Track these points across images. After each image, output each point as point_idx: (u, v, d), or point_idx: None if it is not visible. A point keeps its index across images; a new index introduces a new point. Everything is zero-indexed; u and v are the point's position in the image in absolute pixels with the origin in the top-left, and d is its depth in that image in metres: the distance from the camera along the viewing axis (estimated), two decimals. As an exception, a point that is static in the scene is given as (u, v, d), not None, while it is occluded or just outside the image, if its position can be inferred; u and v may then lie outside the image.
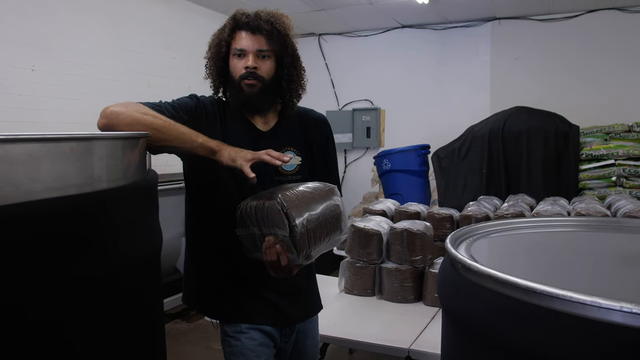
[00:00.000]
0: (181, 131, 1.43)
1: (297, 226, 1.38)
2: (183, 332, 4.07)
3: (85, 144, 1.00)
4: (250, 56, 1.60)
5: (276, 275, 1.49)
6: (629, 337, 0.73)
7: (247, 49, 1.60)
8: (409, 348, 2.08)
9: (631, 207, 2.99)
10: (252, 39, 1.60)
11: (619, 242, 1.31)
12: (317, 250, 1.49)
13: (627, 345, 0.73)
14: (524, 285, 0.83)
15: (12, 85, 3.77)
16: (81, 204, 0.95)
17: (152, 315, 1.22)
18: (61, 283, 0.91)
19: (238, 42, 1.61)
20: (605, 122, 4.67)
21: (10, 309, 0.84)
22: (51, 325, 0.90)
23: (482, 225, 1.32)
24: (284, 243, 1.41)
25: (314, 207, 1.46)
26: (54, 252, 0.89)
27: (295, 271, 1.50)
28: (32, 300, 0.87)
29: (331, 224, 1.51)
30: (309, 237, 1.42)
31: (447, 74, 6.23)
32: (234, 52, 1.61)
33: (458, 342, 1.05)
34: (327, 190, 1.55)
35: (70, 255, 0.92)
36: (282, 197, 1.39)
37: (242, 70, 1.60)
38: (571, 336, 0.77)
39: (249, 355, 1.64)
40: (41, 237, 0.87)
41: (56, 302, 0.90)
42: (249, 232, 1.48)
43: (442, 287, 1.10)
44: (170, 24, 5.16)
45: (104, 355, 1.02)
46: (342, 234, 1.59)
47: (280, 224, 1.39)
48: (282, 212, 1.38)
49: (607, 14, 5.50)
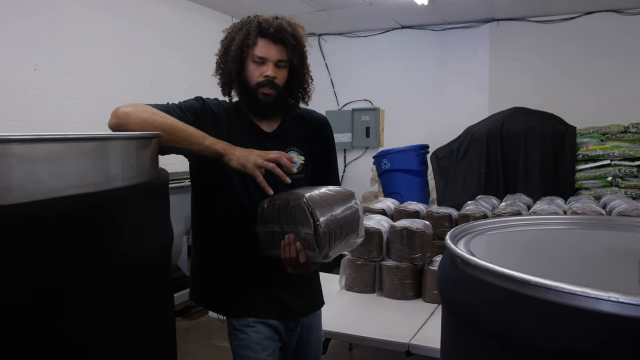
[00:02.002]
0: (189, 133, 1.48)
1: (321, 225, 1.47)
2: (185, 329, 4.11)
3: (102, 144, 1.05)
4: (270, 65, 1.64)
5: (293, 272, 1.58)
6: (618, 325, 0.79)
7: (269, 57, 1.64)
8: (409, 343, 2.13)
9: (625, 207, 3.04)
10: (274, 49, 1.64)
11: (610, 239, 1.37)
12: (335, 250, 1.57)
13: (616, 332, 0.79)
14: (518, 277, 0.89)
15: (14, 84, 3.81)
16: (99, 202, 0.99)
17: (163, 312, 1.27)
18: (78, 279, 0.95)
19: (260, 50, 1.64)
20: (602, 123, 4.74)
21: (34, 300, 0.88)
22: (69, 320, 0.94)
23: (481, 223, 1.38)
24: (306, 241, 1.49)
25: (335, 208, 1.55)
26: (74, 248, 0.93)
27: (312, 269, 1.59)
28: (52, 294, 0.91)
29: (350, 226, 1.61)
30: (330, 236, 1.51)
31: (446, 74, 6.29)
32: (254, 58, 1.65)
33: (457, 332, 1.11)
34: (348, 195, 1.66)
35: (87, 251, 0.96)
36: (308, 197, 1.48)
37: (260, 78, 1.64)
38: (562, 325, 0.82)
39: (256, 349, 1.69)
40: (63, 234, 0.92)
41: (74, 297, 0.95)
42: (269, 230, 1.57)
43: (442, 281, 1.15)
44: (172, 23, 5.20)
45: (115, 353, 1.06)
46: (358, 237, 1.69)
47: (305, 222, 1.48)
48: (308, 211, 1.47)
49: (604, 16, 5.57)
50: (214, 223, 1.75)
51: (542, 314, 0.85)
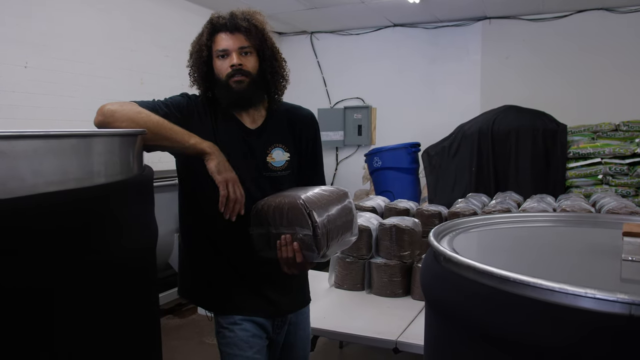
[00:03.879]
0: (174, 131, 1.49)
1: (319, 226, 1.49)
2: (175, 327, 4.10)
3: (84, 141, 1.04)
4: (233, 55, 1.64)
5: (289, 272, 1.59)
6: (596, 321, 0.79)
7: (229, 48, 1.64)
8: (397, 340, 2.14)
9: (615, 205, 3.06)
10: (232, 38, 1.65)
11: (594, 236, 1.38)
12: (332, 249, 1.59)
13: (594, 329, 0.79)
14: (498, 274, 0.89)
15: (4, 82, 3.79)
16: (81, 197, 0.99)
17: (147, 309, 1.27)
18: (60, 275, 0.95)
19: (219, 44, 1.65)
20: (593, 121, 4.75)
21: (12, 297, 0.88)
22: (49, 316, 0.94)
23: (465, 220, 1.39)
24: (303, 242, 1.51)
25: (331, 208, 1.58)
26: (57, 245, 0.93)
27: (309, 268, 1.62)
28: (32, 291, 0.91)
29: (345, 226, 1.63)
30: (328, 236, 1.53)
31: (438, 72, 6.31)
32: (217, 54, 1.66)
33: (439, 329, 1.11)
34: (342, 194, 1.68)
35: (69, 248, 0.96)
36: (304, 199, 1.50)
37: (228, 69, 1.65)
38: (540, 321, 0.83)
39: (242, 347, 1.69)
40: (45, 230, 0.92)
41: (54, 292, 0.95)
42: (263, 231, 1.58)
43: (425, 278, 1.16)
44: (164, 22, 5.18)
45: (97, 349, 1.06)
46: (353, 236, 1.71)
47: (302, 223, 1.49)
48: (306, 212, 1.48)
49: (596, 14, 5.59)
50: (200, 219, 1.74)
51: (520, 310, 0.85)
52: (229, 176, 1.53)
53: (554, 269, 1.13)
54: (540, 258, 1.21)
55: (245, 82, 1.66)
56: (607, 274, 1.07)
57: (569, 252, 1.25)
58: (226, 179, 1.53)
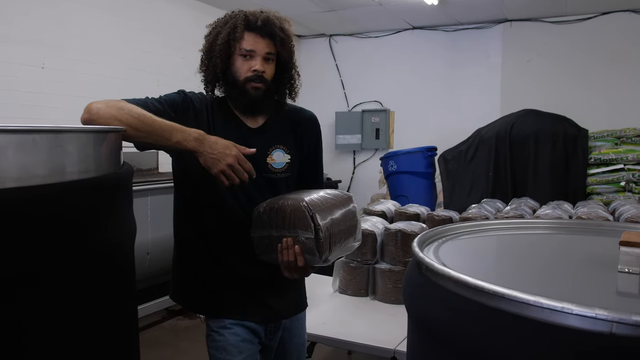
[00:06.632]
0: (155, 127, 1.42)
1: (322, 229, 1.45)
2: (184, 328, 4.10)
3: (54, 136, 1.02)
4: (259, 59, 1.61)
5: (290, 276, 1.55)
6: (572, 339, 0.73)
7: (258, 51, 1.61)
8: (395, 349, 2.06)
9: (634, 212, 2.93)
10: (262, 42, 1.61)
11: (594, 245, 1.29)
12: (334, 254, 1.55)
13: (570, 346, 0.73)
14: (472, 284, 0.83)
15: (22, 82, 3.84)
16: (47, 193, 0.96)
17: (124, 309, 1.24)
18: (31, 274, 0.92)
19: (247, 43, 1.60)
20: (617, 126, 4.60)
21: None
22: (23, 313, 0.92)
23: (452, 227, 1.32)
24: (305, 245, 1.47)
25: (335, 212, 1.54)
26: (29, 241, 0.91)
27: (310, 272, 1.57)
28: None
29: (348, 230, 1.59)
30: (331, 240, 1.49)
31: (457, 76, 6.20)
32: (241, 52, 1.61)
33: (418, 340, 1.05)
34: (346, 198, 1.65)
35: (42, 244, 0.94)
36: (308, 201, 1.47)
37: (249, 73, 1.61)
38: (512, 336, 0.76)
39: (232, 351, 1.65)
40: (15, 227, 0.90)
41: (28, 291, 0.92)
42: (265, 234, 1.54)
43: (406, 287, 1.10)
44: (180, 23, 5.20)
45: (71, 349, 1.04)
46: (356, 241, 1.67)
47: (305, 226, 1.46)
48: (309, 215, 1.44)
49: (621, 16, 5.42)
50: (193, 220, 1.71)
51: (493, 322, 0.79)
52: (222, 166, 1.44)
53: (540, 280, 1.05)
54: (530, 268, 1.14)
55: (261, 90, 1.63)
56: (600, 287, 0.99)
57: (564, 262, 1.17)
58: (221, 170, 1.44)
